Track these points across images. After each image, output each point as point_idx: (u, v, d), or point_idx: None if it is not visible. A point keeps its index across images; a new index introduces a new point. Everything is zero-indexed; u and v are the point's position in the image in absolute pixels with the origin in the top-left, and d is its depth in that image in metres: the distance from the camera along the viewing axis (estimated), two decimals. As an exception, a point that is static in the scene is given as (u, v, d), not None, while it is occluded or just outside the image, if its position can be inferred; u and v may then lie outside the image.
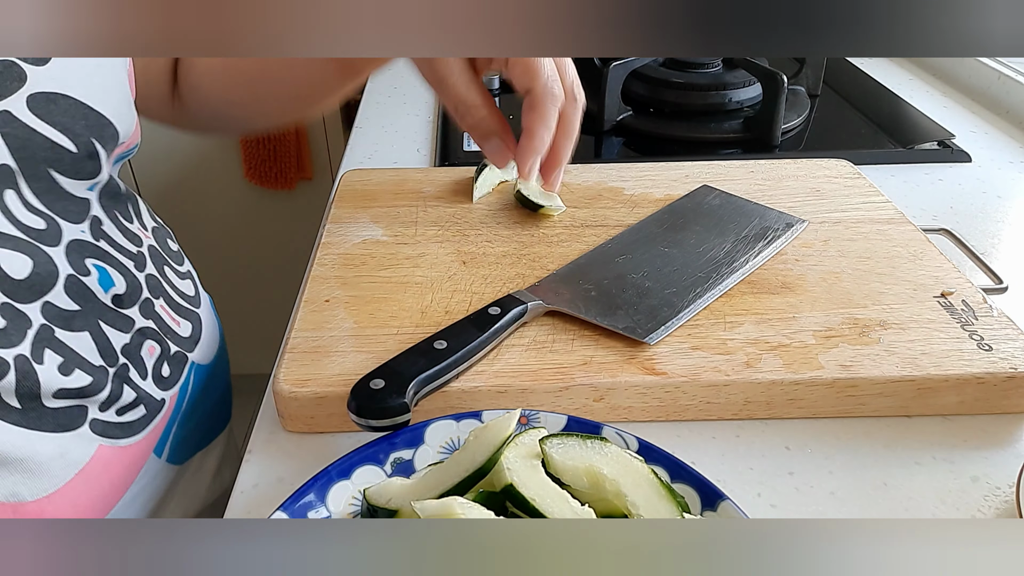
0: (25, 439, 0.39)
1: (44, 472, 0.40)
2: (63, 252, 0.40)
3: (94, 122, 0.41)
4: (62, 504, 0.41)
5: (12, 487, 0.39)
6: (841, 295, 0.51)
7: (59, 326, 0.40)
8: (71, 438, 0.41)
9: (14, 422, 0.38)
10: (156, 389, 0.47)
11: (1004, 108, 0.87)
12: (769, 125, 0.78)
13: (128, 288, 0.45)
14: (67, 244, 0.41)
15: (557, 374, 0.44)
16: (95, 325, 0.42)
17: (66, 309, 0.40)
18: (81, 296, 0.41)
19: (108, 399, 0.43)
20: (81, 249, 0.42)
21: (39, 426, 0.40)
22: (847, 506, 0.40)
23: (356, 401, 0.40)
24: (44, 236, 0.40)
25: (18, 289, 0.38)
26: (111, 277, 0.44)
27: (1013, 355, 0.45)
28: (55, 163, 0.40)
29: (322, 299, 0.51)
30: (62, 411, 0.41)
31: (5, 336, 0.37)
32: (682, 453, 0.43)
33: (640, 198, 0.63)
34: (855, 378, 0.44)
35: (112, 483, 0.44)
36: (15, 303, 0.38)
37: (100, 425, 0.43)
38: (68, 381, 0.40)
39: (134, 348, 0.45)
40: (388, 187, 0.65)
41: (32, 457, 0.39)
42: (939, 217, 0.67)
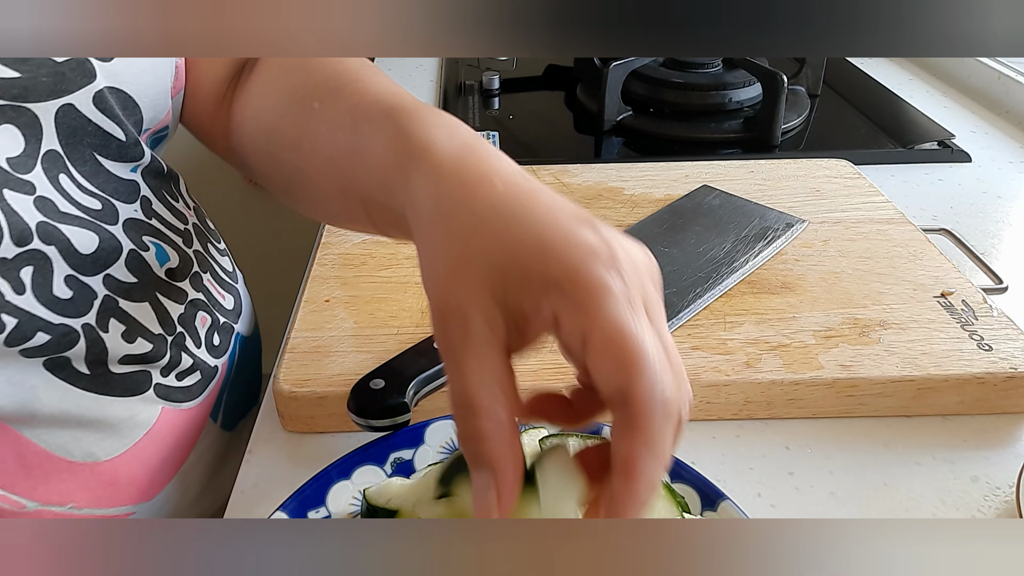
0: (96, 403, 0.41)
1: (115, 433, 0.43)
2: (121, 229, 0.43)
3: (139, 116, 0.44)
4: (134, 463, 0.44)
5: (88, 447, 0.42)
6: (841, 295, 0.51)
7: (121, 297, 0.42)
8: (137, 401, 0.44)
9: (85, 387, 0.41)
10: (209, 357, 0.49)
11: (1004, 108, 0.87)
12: (769, 125, 0.78)
13: (180, 263, 0.47)
14: (123, 222, 0.43)
15: (557, 374, 0.44)
16: (153, 296, 0.45)
17: (125, 282, 0.43)
18: (139, 270, 0.44)
19: (168, 365, 0.45)
20: (137, 227, 0.44)
21: (108, 391, 0.42)
22: (847, 506, 0.40)
23: (356, 401, 0.40)
24: (102, 215, 0.42)
25: (84, 263, 0.40)
26: (166, 252, 0.46)
27: (1013, 355, 0.45)
28: (100, 148, 0.42)
29: (322, 299, 0.51)
30: (128, 376, 0.43)
31: (73, 306, 0.39)
32: (682, 453, 0.43)
33: (640, 198, 0.63)
34: (855, 378, 0.44)
35: (178, 444, 0.47)
36: (80, 276, 0.40)
37: (163, 389, 0.45)
38: (132, 348, 0.42)
39: (188, 318, 0.47)
40: (388, 187, 0.64)
41: (104, 419, 0.42)
42: (939, 217, 0.67)
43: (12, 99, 0.37)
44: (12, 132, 0.37)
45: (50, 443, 0.41)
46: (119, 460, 0.43)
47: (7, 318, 0.36)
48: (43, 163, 0.39)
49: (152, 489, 0.46)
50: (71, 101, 0.39)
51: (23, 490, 0.41)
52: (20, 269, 0.37)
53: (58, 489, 0.42)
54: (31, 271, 0.37)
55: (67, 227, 0.39)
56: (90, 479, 0.43)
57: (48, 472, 0.41)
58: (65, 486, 0.42)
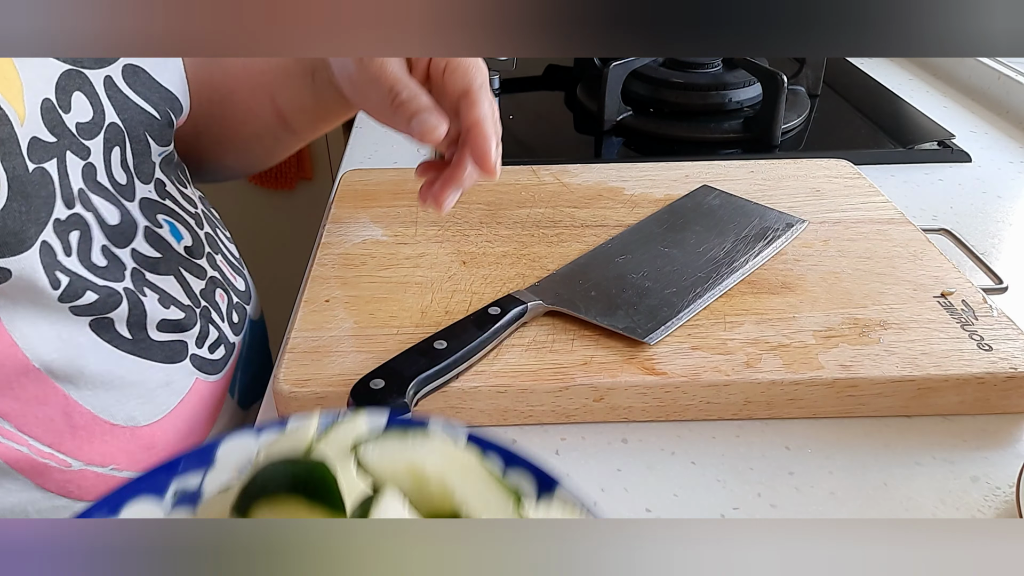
0: (137, 366, 0.44)
1: (154, 398, 0.45)
2: (137, 207, 0.46)
3: (165, 95, 0.48)
4: (168, 430, 0.46)
5: (130, 411, 0.44)
6: (841, 295, 0.51)
7: (147, 270, 0.45)
8: (176, 369, 0.46)
9: (127, 351, 0.44)
10: (230, 332, 0.52)
11: (1004, 108, 0.87)
12: (769, 125, 0.78)
13: (194, 242, 0.50)
14: (140, 200, 0.46)
15: (557, 374, 0.44)
16: (176, 271, 0.47)
17: (149, 256, 0.46)
18: (158, 245, 0.46)
19: (200, 335, 0.48)
20: (152, 206, 0.47)
21: (148, 356, 0.45)
22: (847, 506, 0.40)
23: (356, 401, 0.40)
24: (124, 191, 0.45)
25: (114, 234, 0.43)
26: (179, 231, 0.49)
27: (1013, 355, 0.45)
28: (149, 128, 0.46)
29: (322, 299, 0.51)
30: (167, 344, 0.46)
31: (110, 272, 0.42)
32: (682, 453, 0.43)
33: (640, 198, 0.63)
34: (855, 378, 0.44)
35: (204, 415, 0.49)
36: (112, 247, 0.43)
37: (198, 360, 0.48)
38: (168, 313, 0.45)
39: (210, 293, 0.50)
40: (388, 187, 0.65)
41: (145, 383, 0.45)
42: (939, 217, 0.67)
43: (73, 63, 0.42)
44: (80, 100, 0.42)
45: (95, 405, 0.43)
46: (156, 426, 0.46)
47: (61, 276, 0.39)
48: (105, 133, 0.43)
49: None
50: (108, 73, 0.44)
51: (69, 449, 0.42)
52: (70, 232, 0.40)
53: (100, 450, 0.43)
54: (77, 236, 0.41)
55: (96, 198, 0.42)
56: (130, 442, 0.45)
57: (92, 433, 0.43)
58: (107, 448, 0.44)
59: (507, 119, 0.88)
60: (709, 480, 0.42)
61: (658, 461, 0.43)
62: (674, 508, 0.40)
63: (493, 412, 0.44)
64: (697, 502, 0.41)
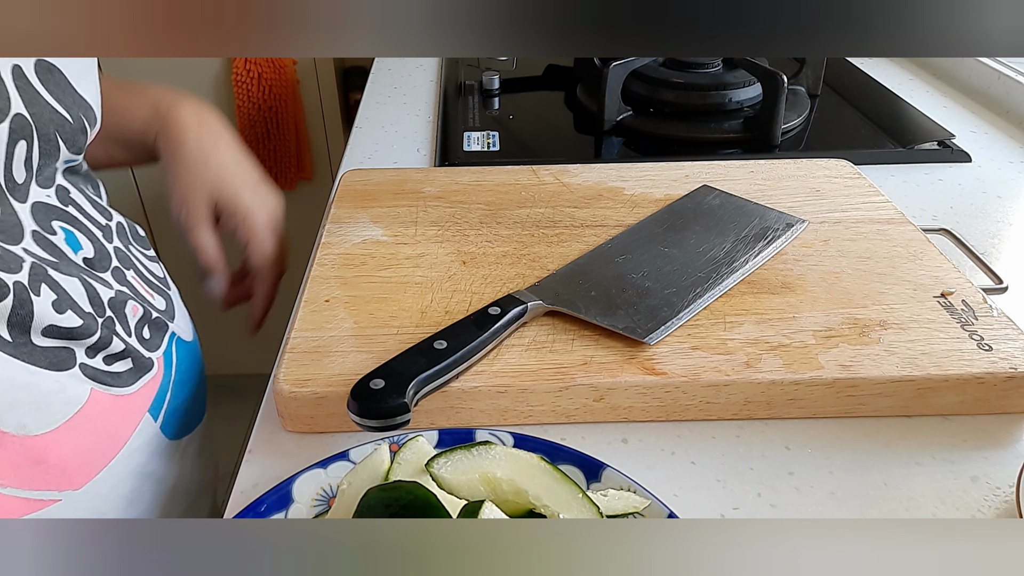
0: (26, 371, 0.41)
1: (47, 406, 0.42)
2: (28, 210, 0.44)
3: (80, 101, 0.46)
4: (64, 443, 0.43)
5: (21, 418, 0.41)
6: (841, 295, 0.51)
7: (49, 267, 0.43)
8: (66, 377, 0.43)
9: (9, 353, 0.40)
10: (142, 348, 0.49)
11: (1004, 108, 0.87)
12: (769, 125, 0.78)
13: (96, 254, 0.48)
14: (32, 204, 0.44)
15: (557, 374, 0.44)
16: (80, 276, 0.45)
17: (45, 257, 0.43)
18: (52, 251, 0.44)
19: (97, 344, 0.45)
20: (47, 211, 0.45)
21: (31, 360, 0.42)
22: (847, 506, 0.40)
23: (356, 401, 0.40)
24: (17, 190, 0.43)
25: (5, 227, 0.41)
26: (78, 240, 0.47)
27: (1013, 355, 0.45)
28: (60, 129, 0.45)
29: (322, 299, 0.51)
30: (51, 350, 0.43)
31: (3, 262, 0.40)
32: (682, 453, 0.43)
33: (640, 198, 0.63)
34: (855, 378, 0.44)
35: (109, 432, 0.46)
36: (3, 244, 0.41)
37: (90, 370, 0.45)
38: (60, 319, 0.42)
39: (119, 304, 0.48)
40: (388, 187, 0.65)
41: (37, 387, 0.42)
42: (939, 217, 0.67)
43: None
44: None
45: None
46: (50, 437, 0.43)
47: None
48: (12, 124, 0.41)
49: (81, 476, 0.45)
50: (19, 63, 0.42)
51: None
52: None
53: None
54: None
55: None
56: (19, 453, 0.41)
57: None
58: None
59: (507, 119, 0.88)
60: (709, 480, 0.42)
61: (658, 461, 0.43)
62: (674, 508, 0.40)
63: (493, 412, 0.44)
64: (697, 502, 0.41)
